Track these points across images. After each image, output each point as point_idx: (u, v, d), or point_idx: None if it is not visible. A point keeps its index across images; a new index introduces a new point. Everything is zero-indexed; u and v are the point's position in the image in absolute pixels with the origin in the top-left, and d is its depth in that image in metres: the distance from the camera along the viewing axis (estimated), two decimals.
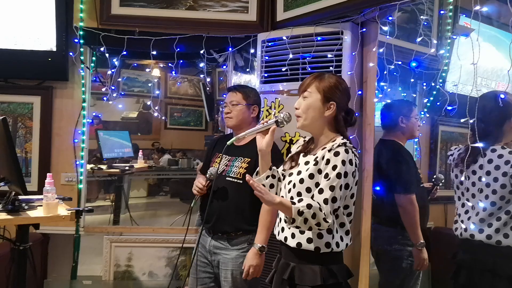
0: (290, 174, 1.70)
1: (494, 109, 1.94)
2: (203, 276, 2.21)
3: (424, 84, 3.10)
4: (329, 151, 1.56)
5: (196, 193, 2.20)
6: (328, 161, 1.55)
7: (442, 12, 3.03)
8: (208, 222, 2.19)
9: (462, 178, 2.05)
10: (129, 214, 4.33)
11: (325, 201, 1.51)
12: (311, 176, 1.59)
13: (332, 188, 1.51)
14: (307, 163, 1.66)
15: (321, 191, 1.52)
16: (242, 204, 2.10)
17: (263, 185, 1.75)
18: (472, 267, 1.99)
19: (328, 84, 1.65)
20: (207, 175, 2.15)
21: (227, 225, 2.12)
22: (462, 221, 2.05)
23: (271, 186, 1.76)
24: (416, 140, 3.04)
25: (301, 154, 1.74)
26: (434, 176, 2.72)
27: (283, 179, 1.75)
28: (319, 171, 1.58)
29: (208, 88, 3.51)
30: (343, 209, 1.62)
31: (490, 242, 1.91)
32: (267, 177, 1.74)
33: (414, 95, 3.20)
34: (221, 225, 2.13)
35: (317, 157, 1.62)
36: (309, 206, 1.48)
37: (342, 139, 1.63)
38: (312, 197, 1.56)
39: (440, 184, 2.65)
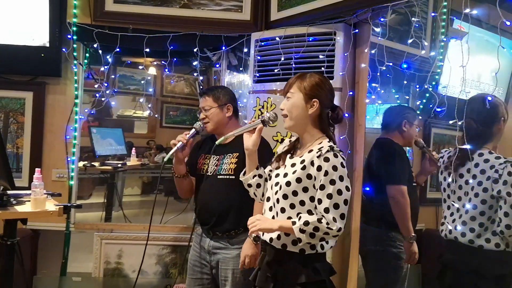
0: (277, 175, 1.71)
1: (482, 111, 1.95)
2: (201, 276, 2.20)
3: (417, 86, 3.11)
4: (318, 157, 1.57)
5: (174, 143, 2.11)
6: (319, 168, 1.56)
7: (433, 14, 3.04)
8: (206, 223, 2.16)
9: (450, 180, 2.07)
10: (122, 212, 4.32)
11: (326, 210, 1.53)
12: (298, 180, 1.60)
13: (329, 196, 1.53)
14: (293, 165, 1.66)
15: (320, 202, 1.55)
16: (238, 199, 2.08)
17: (250, 184, 1.77)
18: (457, 267, 2.02)
19: (309, 82, 1.67)
20: (195, 126, 2.17)
21: (228, 223, 2.10)
22: (447, 223, 2.08)
23: (258, 185, 1.77)
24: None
25: (288, 156, 1.74)
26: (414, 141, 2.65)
27: (270, 179, 1.76)
28: (308, 176, 1.59)
29: (201, 87, 3.51)
30: None
31: (473, 246, 1.94)
32: (254, 176, 1.76)
33: (407, 97, 3.22)
34: (222, 224, 2.11)
35: (303, 160, 1.63)
36: (306, 223, 1.52)
37: (328, 141, 1.64)
38: (314, 207, 1.59)
39: (424, 146, 2.61)
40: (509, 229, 1.86)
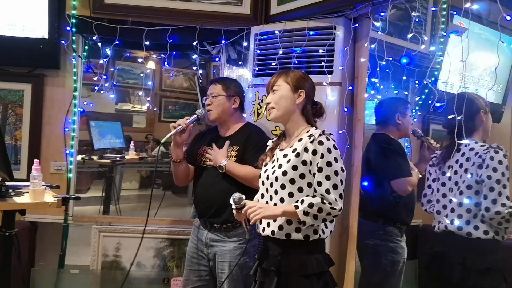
0: (265, 170, 1.77)
1: (460, 106, 1.98)
2: (198, 268, 2.21)
3: (417, 82, 3.12)
4: (311, 142, 1.63)
5: (174, 126, 2.11)
6: (315, 152, 1.63)
7: (433, 9, 3.04)
8: (204, 215, 2.18)
9: (437, 173, 2.17)
10: (118, 206, 4.33)
11: (327, 191, 1.60)
12: (294, 167, 1.66)
13: (328, 177, 1.60)
14: (285, 155, 1.71)
15: (320, 184, 1.61)
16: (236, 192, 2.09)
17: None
18: (443, 259, 2.05)
19: (294, 75, 1.77)
20: (196, 113, 2.17)
21: (226, 215, 2.09)
22: (439, 215, 2.13)
23: None
24: (407, 138, 3.05)
25: (278, 150, 1.80)
26: (411, 131, 2.65)
27: (259, 177, 1.81)
28: (304, 162, 1.65)
29: (200, 81, 3.50)
30: None
31: (461, 233, 1.97)
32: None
33: (406, 93, 3.22)
34: (220, 216, 2.12)
35: (295, 149, 1.68)
36: (310, 205, 1.57)
37: (315, 129, 1.72)
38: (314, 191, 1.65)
39: (422, 136, 2.64)
40: (488, 211, 1.89)
